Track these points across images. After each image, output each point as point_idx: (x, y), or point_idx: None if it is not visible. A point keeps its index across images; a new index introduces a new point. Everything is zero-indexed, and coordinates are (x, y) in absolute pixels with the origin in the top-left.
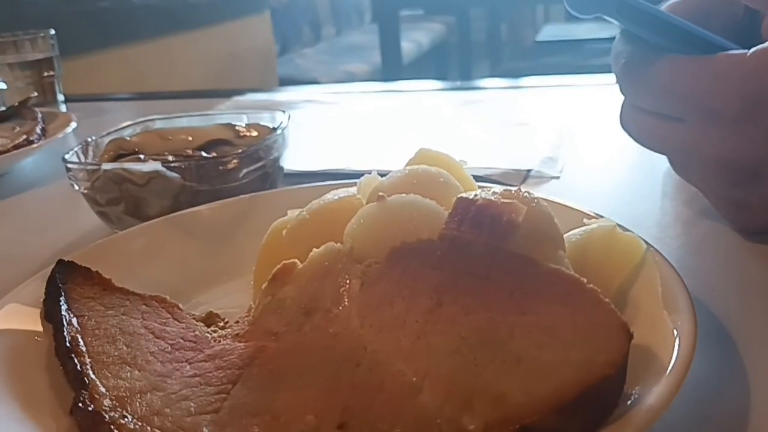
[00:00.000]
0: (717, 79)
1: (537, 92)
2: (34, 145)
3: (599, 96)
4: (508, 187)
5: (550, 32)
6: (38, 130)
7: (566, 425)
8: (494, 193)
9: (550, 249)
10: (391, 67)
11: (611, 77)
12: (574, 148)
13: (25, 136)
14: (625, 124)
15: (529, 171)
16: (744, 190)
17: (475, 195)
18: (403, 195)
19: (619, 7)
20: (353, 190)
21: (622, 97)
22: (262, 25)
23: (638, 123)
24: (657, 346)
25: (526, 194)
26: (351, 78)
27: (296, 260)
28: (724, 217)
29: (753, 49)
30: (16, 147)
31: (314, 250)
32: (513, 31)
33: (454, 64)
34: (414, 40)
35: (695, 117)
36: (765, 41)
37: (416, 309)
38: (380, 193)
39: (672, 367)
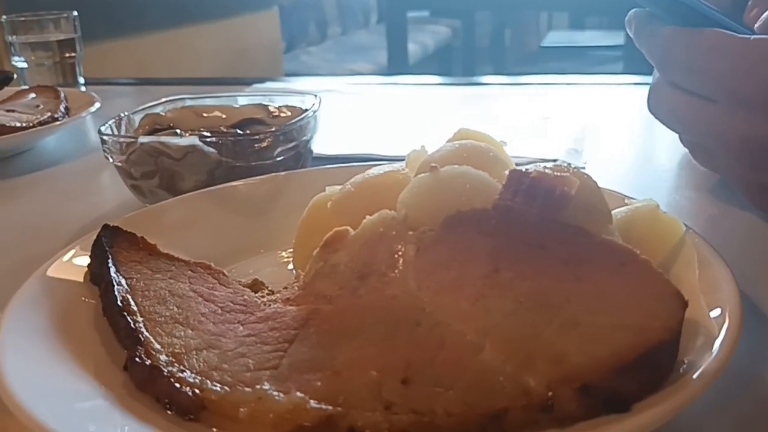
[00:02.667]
0: (750, 64)
1: (556, 89)
2: (59, 122)
3: (617, 94)
4: (560, 162)
5: (554, 38)
6: (62, 108)
7: (625, 385)
8: (546, 166)
9: (600, 222)
10: (397, 68)
11: (625, 78)
12: (597, 143)
13: (49, 113)
14: (653, 106)
15: (554, 161)
16: (766, 173)
17: (528, 168)
18: (456, 166)
19: None
20: (398, 165)
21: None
22: (270, 21)
23: (670, 102)
24: (699, 322)
25: (576, 169)
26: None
27: (348, 227)
28: (750, 201)
29: None
30: (41, 123)
31: (367, 217)
32: (517, 36)
33: (458, 66)
34: (419, 41)
35: (726, 99)
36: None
37: (473, 273)
38: (433, 164)
39: (723, 337)
